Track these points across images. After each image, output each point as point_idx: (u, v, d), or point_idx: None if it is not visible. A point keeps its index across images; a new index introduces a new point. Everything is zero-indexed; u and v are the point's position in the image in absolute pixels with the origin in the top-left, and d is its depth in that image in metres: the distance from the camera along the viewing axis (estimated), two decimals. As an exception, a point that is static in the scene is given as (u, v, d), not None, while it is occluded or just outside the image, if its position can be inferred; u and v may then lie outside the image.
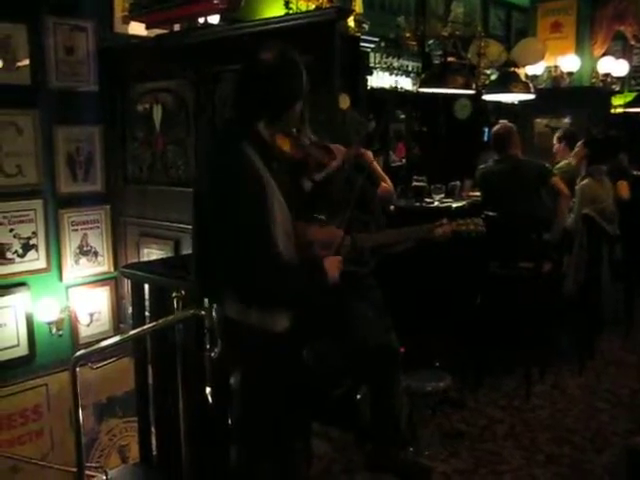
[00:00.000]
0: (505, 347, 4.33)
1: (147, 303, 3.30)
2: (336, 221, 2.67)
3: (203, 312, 2.76)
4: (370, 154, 3.36)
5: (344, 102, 4.25)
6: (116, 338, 3.32)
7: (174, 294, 2.85)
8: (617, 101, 7.49)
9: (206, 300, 3.02)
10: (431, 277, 4.25)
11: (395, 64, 6.71)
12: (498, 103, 6.47)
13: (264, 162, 2.12)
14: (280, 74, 2.12)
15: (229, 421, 2.86)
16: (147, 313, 3.30)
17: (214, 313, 2.46)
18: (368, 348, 3.03)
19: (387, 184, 3.55)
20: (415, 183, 4.83)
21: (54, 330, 4.62)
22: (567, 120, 6.55)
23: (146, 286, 3.27)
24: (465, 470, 3.23)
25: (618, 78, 7.20)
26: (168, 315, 2.94)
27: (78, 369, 3.03)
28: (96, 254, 4.98)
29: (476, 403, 3.97)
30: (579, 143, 5.11)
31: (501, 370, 4.33)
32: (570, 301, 4.57)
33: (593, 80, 6.95)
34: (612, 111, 7.31)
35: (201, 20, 4.44)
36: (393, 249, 3.13)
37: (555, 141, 5.60)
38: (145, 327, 3.06)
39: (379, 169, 3.63)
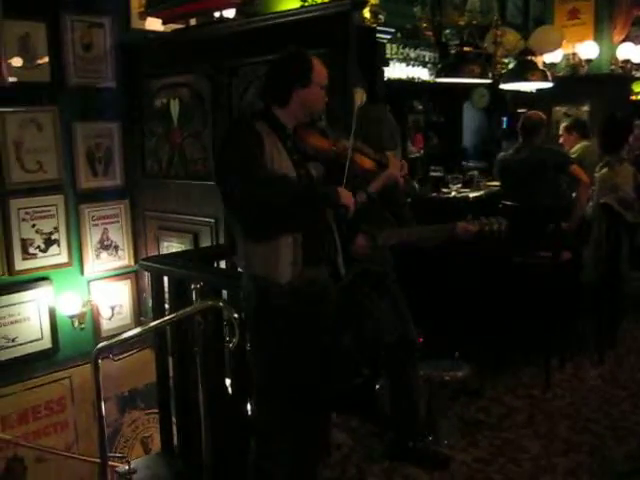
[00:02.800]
0: (525, 336, 4.32)
1: (167, 295, 3.35)
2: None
3: (221, 303, 2.80)
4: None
5: (360, 97, 4.24)
6: (137, 330, 3.36)
7: (193, 286, 2.89)
8: (638, 87, 7.39)
9: (224, 292, 3.07)
10: (450, 266, 4.25)
11: (412, 55, 6.70)
12: (516, 92, 6.43)
13: (278, 137, 2.39)
14: (282, 64, 2.47)
15: (249, 411, 2.90)
16: (167, 305, 3.34)
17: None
18: (384, 340, 3.05)
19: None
20: (432, 173, 4.84)
21: (76, 324, 4.69)
22: (586, 108, 6.47)
23: (165, 278, 3.32)
24: (484, 459, 3.24)
25: (638, 64, 7.11)
26: (187, 307, 2.98)
27: (100, 361, 3.07)
28: (116, 248, 5.03)
29: (495, 392, 3.97)
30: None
31: (521, 359, 4.32)
32: (590, 289, 4.55)
33: (612, 67, 6.85)
34: (633, 98, 7.22)
35: (217, 14, 4.47)
36: (417, 246, 3.13)
37: (562, 131, 5.53)
38: (165, 318, 3.10)
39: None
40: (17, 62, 4.38)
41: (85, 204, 4.85)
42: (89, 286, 4.89)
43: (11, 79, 4.26)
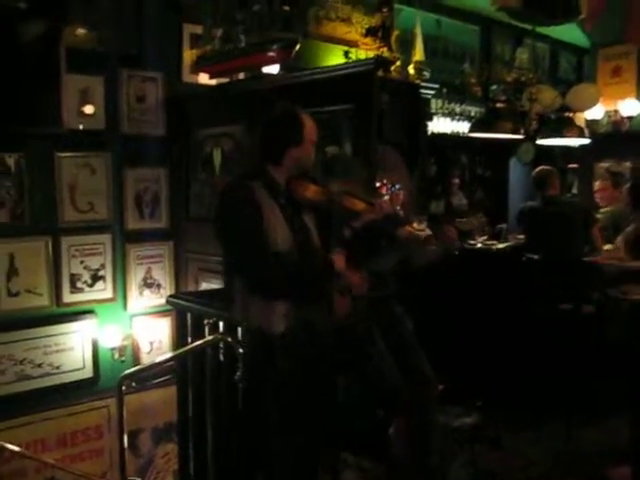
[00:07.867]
0: (550, 387, 4.31)
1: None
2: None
3: (230, 338, 2.98)
4: None
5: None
6: (158, 359, 3.58)
7: (205, 321, 3.09)
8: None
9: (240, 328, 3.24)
10: (471, 316, 4.32)
11: (457, 110, 6.88)
12: (565, 148, 6.49)
13: (270, 195, 2.54)
14: (276, 124, 2.62)
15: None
16: (189, 339, 3.56)
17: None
18: (390, 383, 3.14)
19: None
20: (458, 225, 4.94)
21: (117, 355, 4.93)
22: (628, 164, 6.45)
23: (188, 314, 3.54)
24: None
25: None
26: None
27: (124, 388, 3.31)
28: (159, 286, 5.29)
29: (515, 443, 3.97)
30: (624, 188, 5.07)
31: (545, 412, 4.31)
32: (618, 345, 4.50)
33: (654, 124, 6.81)
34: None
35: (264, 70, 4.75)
36: (412, 265, 3.26)
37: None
38: (182, 350, 3.30)
39: None
40: (76, 112, 4.76)
41: (131, 244, 5.12)
42: (131, 321, 5.14)
43: (70, 127, 4.66)
